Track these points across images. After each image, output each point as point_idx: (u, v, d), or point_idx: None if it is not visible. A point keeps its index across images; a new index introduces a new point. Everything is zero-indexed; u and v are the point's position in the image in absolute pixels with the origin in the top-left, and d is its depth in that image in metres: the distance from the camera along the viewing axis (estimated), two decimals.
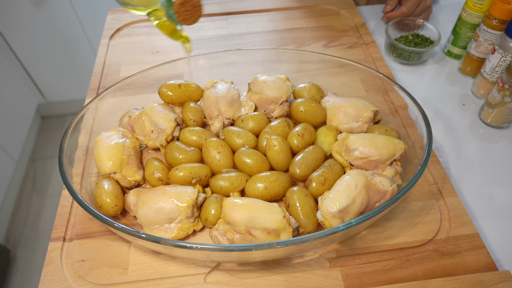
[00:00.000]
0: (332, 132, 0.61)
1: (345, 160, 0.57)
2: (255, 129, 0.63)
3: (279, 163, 0.57)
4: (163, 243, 0.43)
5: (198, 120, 0.64)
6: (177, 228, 0.51)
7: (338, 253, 0.52)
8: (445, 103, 0.74)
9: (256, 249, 0.42)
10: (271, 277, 0.50)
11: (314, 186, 0.54)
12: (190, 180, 0.55)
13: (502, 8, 0.66)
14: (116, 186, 0.56)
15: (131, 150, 0.59)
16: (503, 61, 0.66)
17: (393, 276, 0.50)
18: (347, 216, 0.49)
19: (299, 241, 0.43)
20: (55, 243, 0.53)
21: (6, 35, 1.53)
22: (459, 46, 0.79)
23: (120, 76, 0.79)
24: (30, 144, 1.78)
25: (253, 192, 0.54)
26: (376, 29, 0.91)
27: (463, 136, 0.68)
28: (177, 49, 0.86)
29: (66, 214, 0.57)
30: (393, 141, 0.55)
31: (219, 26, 0.92)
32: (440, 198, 0.57)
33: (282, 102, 0.65)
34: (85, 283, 0.49)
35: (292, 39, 0.88)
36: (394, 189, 0.52)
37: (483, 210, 0.58)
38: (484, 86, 0.72)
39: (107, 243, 0.53)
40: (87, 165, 0.60)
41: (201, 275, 0.50)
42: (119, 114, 0.67)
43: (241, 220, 0.48)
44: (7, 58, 1.59)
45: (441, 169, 0.61)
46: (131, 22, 0.93)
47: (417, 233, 0.53)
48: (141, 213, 0.52)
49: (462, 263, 0.50)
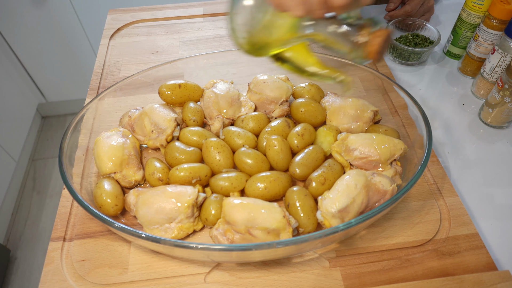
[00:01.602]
0: (332, 132, 0.61)
1: (345, 160, 0.57)
2: (255, 129, 0.63)
3: (279, 163, 0.57)
4: (163, 243, 0.43)
5: (198, 120, 0.64)
6: (177, 228, 0.51)
7: (338, 253, 0.52)
8: (445, 103, 0.74)
9: (256, 249, 0.42)
10: (271, 277, 0.50)
11: (314, 186, 0.54)
12: (190, 180, 0.55)
13: (501, 8, 0.66)
14: (116, 186, 0.56)
15: (131, 150, 0.59)
16: (503, 61, 0.66)
17: (393, 276, 0.50)
18: (347, 216, 0.49)
19: (299, 241, 0.43)
20: (55, 243, 0.53)
21: (6, 35, 1.53)
22: (459, 46, 0.79)
23: (120, 76, 0.79)
24: (30, 144, 1.79)
25: (253, 192, 0.54)
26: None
27: (462, 136, 0.68)
28: (177, 49, 0.86)
29: (66, 214, 0.57)
30: (393, 141, 0.55)
31: (219, 26, 0.92)
32: (439, 198, 0.57)
33: (282, 102, 0.65)
34: (85, 283, 0.50)
35: None
36: (394, 189, 0.52)
37: (482, 210, 0.58)
38: (484, 86, 0.72)
39: (107, 243, 0.54)
40: (87, 165, 0.61)
41: (201, 275, 0.50)
42: (119, 114, 0.67)
43: (241, 220, 0.48)
44: (7, 58, 1.59)
45: (440, 169, 0.61)
46: (131, 22, 0.93)
47: (417, 233, 0.53)
48: (141, 213, 0.52)
49: (462, 263, 0.50)
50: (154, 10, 0.96)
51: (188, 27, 0.92)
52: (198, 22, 0.93)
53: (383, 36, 0.41)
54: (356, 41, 0.42)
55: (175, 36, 0.89)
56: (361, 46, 0.42)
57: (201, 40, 0.88)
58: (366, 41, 0.42)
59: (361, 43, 0.42)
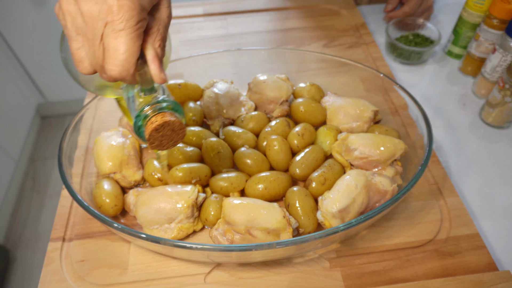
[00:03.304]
0: (332, 132, 0.61)
1: (345, 160, 0.57)
2: (255, 129, 0.63)
3: (279, 163, 0.57)
4: (163, 243, 0.43)
5: (198, 120, 0.64)
6: (177, 228, 0.51)
7: (338, 253, 0.52)
8: (445, 103, 0.74)
9: (256, 249, 0.42)
10: (271, 277, 0.50)
11: (314, 186, 0.54)
12: (190, 180, 0.55)
13: (502, 8, 0.65)
14: (116, 186, 0.55)
15: (131, 150, 0.59)
16: (504, 61, 0.66)
17: (394, 276, 0.49)
18: (347, 216, 0.49)
19: (299, 241, 0.43)
20: (55, 243, 0.53)
21: (6, 35, 1.53)
22: (459, 45, 0.79)
23: None
24: (30, 144, 1.78)
25: (253, 192, 0.54)
26: (376, 29, 0.91)
27: (463, 136, 0.68)
28: (177, 49, 0.86)
29: (65, 214, 0.56)
30: (393, 141, 0.55)
31: (219, 26, 0.92)
32: (440, 198, 0.57)
33: (282, 102, 0.65)
34: (84, 283, 0.49)
35: (292, 39, 0.87)
36: (394, 189, 0.52)
37: (483, 210, 0.58)
38: (485, 86, 0.72)
39: (107, 243, 0.53)
40: (86, 165, 0.60)
41: (201, 275, 0.50)
42: (119, 114, 0.67)
43: (241, 220, 0.48)
44: (7, 58, 1.59)
45: (441, 169, 0.61)
46: None
47: (417, 233, 0.53)
48: (141, 213, 0.52)
49: (463, 263, 0.50)
50: None
51: (188, 27, 0.91)
52: (198, 22, 0.93)
53: (155, 124, 0.37)
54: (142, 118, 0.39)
55: (175, 36, 0.89)
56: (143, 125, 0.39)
57: (201, 40, 0.88)
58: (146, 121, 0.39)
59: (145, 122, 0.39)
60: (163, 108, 0.39)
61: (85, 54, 0.36)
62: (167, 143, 0.40)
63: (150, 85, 0.39)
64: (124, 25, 0.33)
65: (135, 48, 0.34)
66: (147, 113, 0.38)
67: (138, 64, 0.36)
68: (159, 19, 0.36)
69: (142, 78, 0.38)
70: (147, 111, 0.38)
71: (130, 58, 0.34)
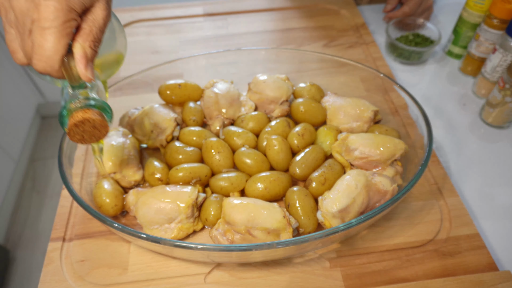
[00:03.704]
0: (332, 132, 0.61)
1: (345, 160, 0.57)
2: (255, 129, 0.63)
3: (279, 163, 0.57)
4: (163, 243, 0.43)
5: (198, 120, 0.64)
6: (177, 228, 0.51)
7: (338, 253, 0.52)
8: (445, 103, 0.74)
9: (256, 249, 0.42)
10: (271, 277, 0.50)
11: (314, 186, 0.54)
12: (190, 180, 0.55)
13: (503, 8, 0.65)
14: (116, 186, 0.55)
15: (131, 150, 0.59)
16: (504, 61, 0.66)
17: (394, 276, 0.49)
18: (347, 216, 0.49)
19: (299, 241, 0.43)
20: (55, 243, 0.53)
21: None
22: (459, 45, 0.79)
23: (120, 76, 0.79)
24: (30, 144, 1.78)
25: (253, 192, 0.54)
26: (376, 29, 0.91)
27: (463, 136, 0.68)
28: (176, 49, 0.86)
29: (65, 214, 0.56)
30: (393, 141, 0.55)
31: (219, 25, 0.92)
32: (440, 198, 0.57)
33: (282, 102, 0.65)
34: (84, 283, 0.49)
35: (292, 39, 0.87)
36: (395, 189, 0.52)
37: (483, 210, 0.58)
38: (485, 86, 0.72)
39: (107, 243, 0.53)
40: (86, 165, 0.60)
41: (201, 275, 0.50)
42: (119, 114, 0.67)
43: (241, 220, 0.48)
44: (7, 58, 1.59)
45: (441, 169, 0.61)
46: (131, 22, 0.93)
47: (417, 233, 0.53)
48: (141, 213, 0.52)
49: (463, 263, 0.50)
50: (154, 9, 0.96)
51: (188, 27, 0.91)
52: (198, 22, 0.93)
53: (76, 119, 0.39)
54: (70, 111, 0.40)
55: (175, 36, 0.89)
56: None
57: (201, 39, 0.88)
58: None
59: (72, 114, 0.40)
60: (90, 106, 0.40)
61: (18, 46, 0.38)
62: (89, 138, 0.42)
63: (77, 82, 0.40)
64: (49, 24, 0.34)
65: (60, 46, 0.35)
66: (71, 107, 0.40)
67: (66, 61, 0.38)
68: (93, 20, 0.37)
69: (69, 74, 0.39)
70: (72, 105, 0.40)
71: (54, 56, 0.35)
